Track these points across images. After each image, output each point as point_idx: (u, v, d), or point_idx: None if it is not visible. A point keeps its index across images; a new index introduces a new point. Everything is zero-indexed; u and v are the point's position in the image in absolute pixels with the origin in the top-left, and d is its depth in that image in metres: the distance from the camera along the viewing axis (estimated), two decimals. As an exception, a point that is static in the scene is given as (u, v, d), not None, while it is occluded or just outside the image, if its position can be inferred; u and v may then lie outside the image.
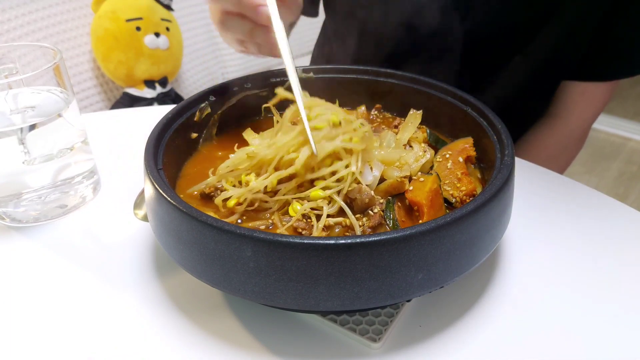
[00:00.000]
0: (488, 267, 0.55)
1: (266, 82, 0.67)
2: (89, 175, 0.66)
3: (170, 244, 0.47)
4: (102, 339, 0.48)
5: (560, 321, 0.49)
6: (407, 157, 0.55)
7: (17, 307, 0.52)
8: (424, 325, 0.49)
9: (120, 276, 0.55)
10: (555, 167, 0.90)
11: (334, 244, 0.40)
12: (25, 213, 0.61)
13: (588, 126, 0.93)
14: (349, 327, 0.48)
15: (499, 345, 0.47)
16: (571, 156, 0.97)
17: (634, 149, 2.47)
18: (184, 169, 0.60)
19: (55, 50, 0.61)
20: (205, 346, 0.47)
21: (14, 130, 0.57)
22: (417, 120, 0.60)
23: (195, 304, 0.51)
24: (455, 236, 0.43)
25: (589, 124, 0.92)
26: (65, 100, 0.61)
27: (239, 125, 0.67)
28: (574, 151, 0.96)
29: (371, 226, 0.50)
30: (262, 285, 0.42)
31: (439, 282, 0.44)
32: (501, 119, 0.56)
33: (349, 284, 0.41)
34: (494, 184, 0.46)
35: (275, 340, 0.48)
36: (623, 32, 0.79)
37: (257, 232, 0.41)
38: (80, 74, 1.63)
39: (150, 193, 0.48)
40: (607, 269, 0.55)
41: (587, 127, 0.93)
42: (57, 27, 1.54)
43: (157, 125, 0.56)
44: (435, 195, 0.52)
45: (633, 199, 2.16)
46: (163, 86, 1.66)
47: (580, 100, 0.88)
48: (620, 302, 0.51)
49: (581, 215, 0.62)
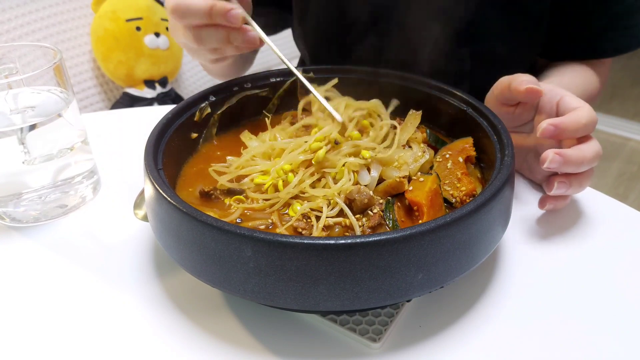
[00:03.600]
0: (488, 267, 0.55)
1: (266, 82, 0.67)
2: (89, 175, 0.66)
3: (170, 244, 0.47)
4: (102, 339, 0.48)
5: (560, 321, 0.49)
6: (405, 157, 0.55)
7: (17, 307, 0.52)
8: (424, 325, 0.49)
9: (120, 276, 0.55)
10: None
11: (334, 244, 0.40)
12: (25, 213, 0.61)
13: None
14: (349, 327, 0.48)
15: (499, 345, 0.47)
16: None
17: (634, 149, 2.47)
18: (184, 169, 0.60)
19: (55, 50, 0.61)
20: (205, 346, 0.47)
21: (14, 130, 0.57)
22: (416, 121, 0.60)
23: (195, 304, 0.51)
24: (455, 236, 0.43)
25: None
26: (65, 100, 0.61)
27: (239, 125, 0.67)
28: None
29: (371, 226, 0.50)
30: (262, 285, 0.42)
31: (439, 282, 0.44)
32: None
33: (349, 284, 0.41)
34: (494, 184, 0.46)
35: (275, 340, 0.48)
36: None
37: (257, 232, 0.41)
38: (80, 74, 1.63)
39: (150, 193, 0.48)
40: (607, 269, 0.55)
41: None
42: (57, 27, 1.54)
43: (157, 125, 0.56)
44: (435, 195, 0.52)
45: (633, 199, 2.16)
46: (163, 86, 1.66)
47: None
48: (621, 302, 0.51)
49: (581, 215, 0.62)
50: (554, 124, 0.55)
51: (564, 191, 0.57)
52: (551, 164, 0.54)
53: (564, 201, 0.60)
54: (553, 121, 0.55)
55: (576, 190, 0.58)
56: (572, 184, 0.56)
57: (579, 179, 0.57)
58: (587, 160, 0.55)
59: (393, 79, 0.66)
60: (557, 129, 0.54)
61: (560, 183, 0.56)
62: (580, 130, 0.55)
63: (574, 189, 0.57)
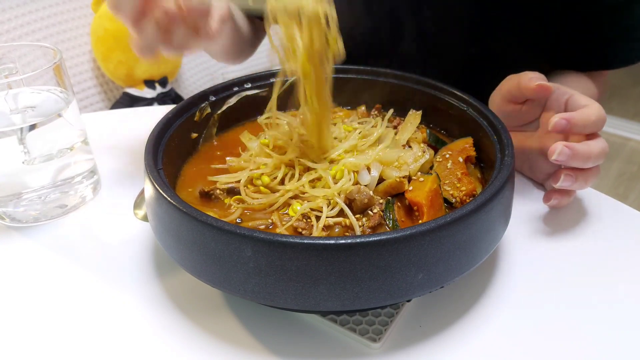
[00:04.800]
0: (488, 267, 0.55)
1: (266, 82, 0.67)
2: (89, 175, 0.66)
3: (170, 244, 0.47)
4: (102, 339, 0.48)
5: (560, 321, 0.49)
6: (405, 157, 0.55)
7: (17, 307, 0.52)
8: (424, 325, 0.49)
9: (120, 276, 0.55)
10: None
11: (334, 244, 0.40)
12: (25, 213, 0.61)
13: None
14: (349, 327, 0.48)
15: (499, 345, 0.47)
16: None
17: (634, 149, 2.47)
18: (184, 169, 0.60)
19: (55, 50, 0.61)
20: (205, 346, 0.47)
21: (14, 130, 0.57)
22: (416, 121, 0.60)
23: (195, 304, 0.51)
24: (455, 236, 0.43)
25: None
26: (65, 100, 0.61)
27: (238, 125, 0.67)
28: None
29: (371, 226, 0.50)
30: (262, 285, 0.42)
31: (439, 282, 0.44)
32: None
33: (349, 284, 0.41)
34: (494, 184, 0.46)
35: (275, 340, 0.48)
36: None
37: (257, 232, 0.41)
38: (80, 74, 1.63)
39: (150, 193, 0.48)
40: (607, 269, 0.55)
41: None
42: (57, 27, 1.55)
43: (157, 125, 0.56)
44: (435, 195, 0.52)
45: (633, 199, 2.16)
46: (163, 86, 1.66)
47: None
48: (621, 302, 0.51)
49: (581, 215, 0.62)
50: (566, 118, 0.55)
51: (570, 185, 0.57)
52: (560, 155, 0.54)
53: (567, 198, 0.60)
54: (565, 115, 0.55)
55: (581, 186, 0.58)
56: (577, 178, 0.57)
57: (585, 174, 0.57)
58: (593, 155, 0.55)
59: (393, 79, 0.66)
60: (568, 123, 0.55)
61: (567, 176, 0.57)
62: (589, 126, 0.56)
63: (579, 184, 0.57)
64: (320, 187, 0.53)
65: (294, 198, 0.53)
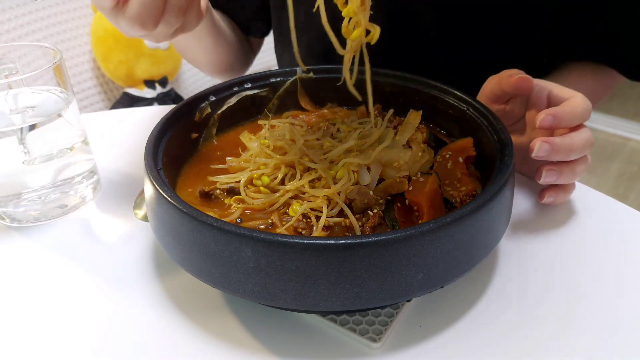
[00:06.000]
0: (488, 267, 0.55)
1: (266, 82, 0.67)
2: (89, 175, 0.66)
3: (170, 244, 0.47)
4: (102, 339, 0.48)
5: (560, 321, 0.49)
6: (405, 157, 0.55)
7: (17, 307, 0.52)
8: (424, 325, 0.49)
9: (120, 276, 0.55)
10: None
11: (334, 244, 0.40)
12: (25, 213, 0.61)
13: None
14: (349, 327, 0.48)
15: (498, 345, 0.47)
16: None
17: (634, 149, 2.47)
18: (184, 169, 0.60)
19: (55, 50, 0.61)
20: (205, 346, 0.47)
21: (14, 130, 0.57)
22: (416, 121, 0.60)
23: (195, 304, 0.51)
24: (455, 236, 0.43)
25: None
26: (65, 100, 0.61)
27: (239, 125, 0.67)
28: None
29: (371, 226, 0.50)
30: (262, 285, 0.42)
31: (439, 282, 0.44)
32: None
33: (349, 284, 0.41)
34: (494, 184, 0.46)
35: (275, 340, 0.48)
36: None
37: (257, 232, 0.41)
38: (80, 74, 1.63)
39: (150, 193, 0.48)
40: (607, 270, 0.55)
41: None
42: (57, 27, 1.55)
43: (157, 125, 0.56)
44: (435, 195, 0.52)
45: (633, 199, 2.16)
46: (163, 86, 1.66)
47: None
48: (621, 302, 0.51)
49: (581, 215, 0.62)
50: (552, 114, 0.54)
51: (554, 179, 0.56)
52: (539, 152, 0.53)
53: (564, 193, 0.59)
54: (550, 111, 0.55)
55: (569, 179, 0.57)
56: (562, 172, 0.56)
57: (571, 166, 0.56)
58: (576, 147, 0.54)
59: (393, 79, 0.66)
60: (555, 118, 0.54)
61: (549, 170, 0.56)
62: (576, 118, 0.55)
63: (565, 177, 0.56)
64: (320, 187, 0.53)
65: (294, 198, 0.53)
